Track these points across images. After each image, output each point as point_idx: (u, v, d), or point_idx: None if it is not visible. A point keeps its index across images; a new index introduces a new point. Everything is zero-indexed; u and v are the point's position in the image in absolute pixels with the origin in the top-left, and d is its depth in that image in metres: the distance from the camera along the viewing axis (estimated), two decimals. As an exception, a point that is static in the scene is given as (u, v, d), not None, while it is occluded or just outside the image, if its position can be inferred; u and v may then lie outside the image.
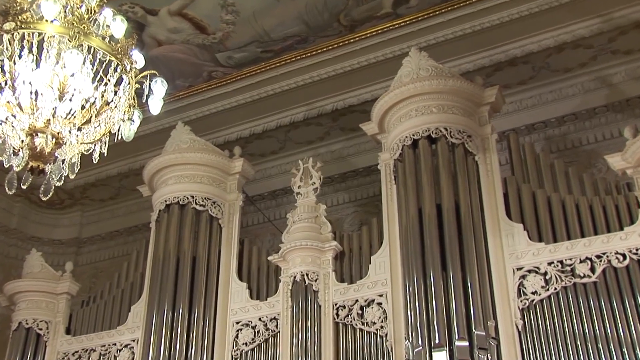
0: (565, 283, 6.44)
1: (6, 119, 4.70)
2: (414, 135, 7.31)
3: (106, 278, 10.05)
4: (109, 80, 4.90)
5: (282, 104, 9.28)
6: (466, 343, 6.28)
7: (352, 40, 8.60)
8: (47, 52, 4.73)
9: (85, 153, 5.01)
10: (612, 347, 6.08)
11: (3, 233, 10.57)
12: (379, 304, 7.04)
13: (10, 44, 4.68)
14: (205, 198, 8.31)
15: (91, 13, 4.90)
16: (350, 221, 9.53)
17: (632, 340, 6.06)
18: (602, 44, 8.10)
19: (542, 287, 6.51)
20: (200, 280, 7.90)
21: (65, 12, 4.80)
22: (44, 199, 4.90)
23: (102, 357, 8.17)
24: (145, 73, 5.09)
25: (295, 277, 7.40)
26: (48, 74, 4.70)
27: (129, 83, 4.99)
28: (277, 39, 8.63)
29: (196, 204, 8.26)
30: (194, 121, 9.43)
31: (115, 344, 8.14)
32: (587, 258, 6.46)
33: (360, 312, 7.12)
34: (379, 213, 7.57)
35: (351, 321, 7.10)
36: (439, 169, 7.13)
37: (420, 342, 6.42)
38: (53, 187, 4.90)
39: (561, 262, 6.54)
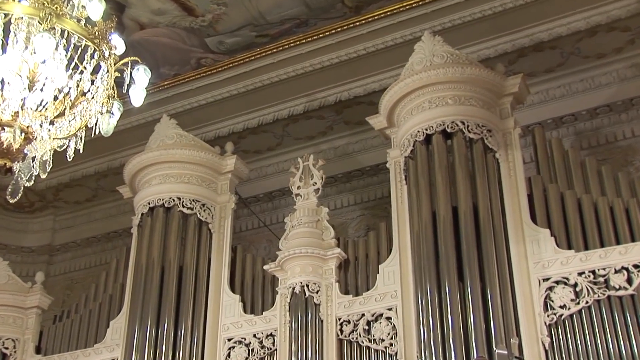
0: (598, 296, 6.44)
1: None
2: (427, 129, 7.32)
3: (82, 290, 10.06)
4: (84, 68, 4.90)
5: (280, 94, 9.29)
6: (486, 363, 6.32)
7: (357, 24, 8.61)
8: (15, 35, 4.72)
9: (58, 150, 5.02)
10: (651, 367, 6.10)
11: (-35, 240, 10.63)
12: (388, 318, 7.05)
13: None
14: (193, 200, 8.32)
15: (65, -8, 4.92)
16: (355, 226, 9.54)
17: (674, 361, 6.07)
18: (640, 26, 8.12)
19: (572, 300, 6.51)
20: (187, 292, 7.92)
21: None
22: (11, 201, 4.91)
23: (77, 378, 8.21)
24: (125, 60, 5.10)
25: (294, 289, 7.41)
26: (16, 61, 4.70)
27: (107, 71, 5.00)
28: (274, 22, 8.64)
29: (183, 206, 8.28)
30: (181, 114, 9.45)
31: (92, 364, 8.18)
32: (623, 268, 6.46)
33: (367, 327, 7.13)
34: (388, 217, 7.58)
35: (357, 338, 7.11)
36: (455, 168, 7.13)
37: (434, 361, 6.45)
38: (22, 188, 4.91)
39: (593, 272, 6.54)
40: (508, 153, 7.26)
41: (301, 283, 7.40)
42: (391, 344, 6.92)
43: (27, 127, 4.76)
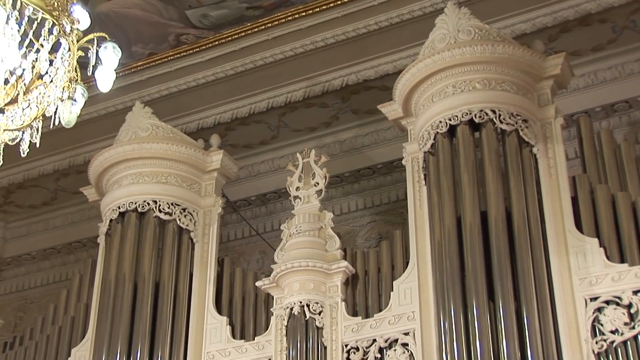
0: (657, 319, 6.46)
1: None
2: (450, 119, 7.32)
3: (38, 312, 10.08)
4: (41, 45, 4.91)
5: (275, 78, 9.31)
6: (521, 398, 6.33)
7: (368, -7, 8.66)
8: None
9: (10, 143, 5.03)
10: None
11: None
12: (404, 345, 7.05)
13: None
14: (172, 204, 8.34)
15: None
16: (365, 234, 9.55)
17: None
18: None
19: (626, 324, 6.50)
20: (165, 313, 7.93)
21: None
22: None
23: (33, 417, 8.22)
24: (91, 36, 5.11)
25: (292, 309, 7.42)
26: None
27: (69, 50, 5.01)
28: (268, -9, 8.69)
29: (160, 211, 8.29)
30: (157, 101, 9.48)
31: (50, 400, 8.19)
32: (687, 286, 6.49)
33: (379, 355, 7.12)
34: (404, 224, 7.58)
35: (367, 368, 7.13)
36: (484, 165, 7.14)
37: (459, 396, 6.46)
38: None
39: (651, 290, 6.56)
40: (548, 147, 7.27)
41: (301, 302, 7.40)
42: (408, 376, 6.94)
43: (-27, 116, 4.79)
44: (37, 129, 5.04)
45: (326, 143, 9.73)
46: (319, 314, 7.38)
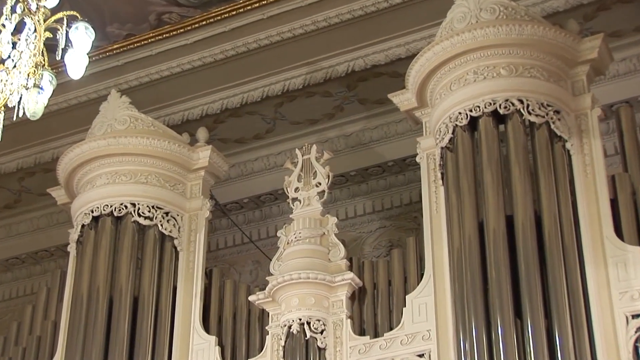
0: None
1: None
2: (471, 110, 7.32)
3: None
4: (3, 26, 4.91)
5: (271, 63, 9.31)
6: None
7: (377, -35, 8.67)
8: None
9: (-33, 137, 5.03)
10: None
11: None
12: (419, 369, 7.09)
13: None
14: (153, 207, 8.34)
15: None
16: (374, 242, 9.55)
17: None
18: None
19: (673, 344, 6.53)
20: (145, 332, 7.93)
21: None
22: None
23: None
24: (60, 15, 5.11)
25: (290, 328, 7.43)
26: None
27: (34, 31, 5.01)
28: (263, -37, 8.71)
29: (139, 215, 8.30)
30: (137, 89, 9.49)
31: None
32: None
33: (389, 381, 7.16)
34: (418, 229, 7.58)
35: (376, 395, 7.15)
36: (510, 162, 7.14)
37: None
38: None
39: (702, 305, 6.56)
40: (583, 142, 7.27)
41: (300, 320, 7.41)
42: (423, 404, 6.96)
43: None
44: (-1, 121, 5.05)
45: (329, 137, 9.73)
46: (321, 332, 7.38)
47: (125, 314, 7.96)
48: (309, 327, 7.37)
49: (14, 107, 5.05)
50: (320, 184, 7.99)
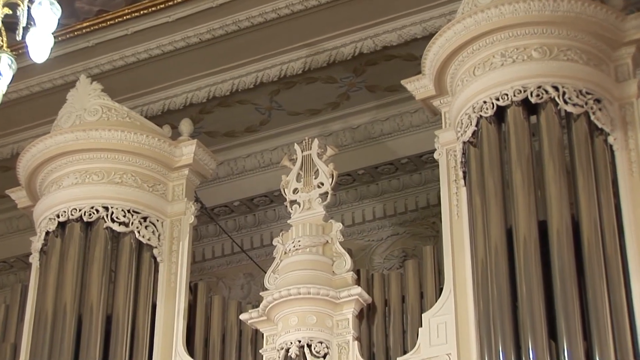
0: None
1: None
2: (498, 99, 7.31)
3: (-48, 353, 10.08)
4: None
5: (266, 44, 9.30)
6: None
7: None
8: None
9: None
10: None
11: None
12: (437, 399, 7.10)
13: None
14: (129, 210, 8.34)
15: None
16: (385, 251, 9.55)
17: None
18: None
19: None
20: (119, 356, 7.93)
21: None
22: None
23: None
24: (20, -12, 5.12)
25: (288, 351, 7.43)
26: None
27: (-9, 6, 5.01)
28: None
29: (113, 220, 8.29)
30: (110, 74, 9.48)
31: None
32: None
33: (403, 413, 7.17)
34: (437, 237, 7.58)
35: None
36: (544, 159, 7.13)
37: None
38: None
39: None
40: (628, 136, 7.26)
41: (299, 342, 7.41)
42: None
43: None
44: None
45: (333, 130, 9.74)
46: (324, 357, 7.38)
47: (96, 335, 7.96)
48: (310, 351, 7.37)
49: (-32, 94, 5.05)
50: (322, 184, 7.99)
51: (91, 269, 8.18)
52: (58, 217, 8.36)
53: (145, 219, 8.38)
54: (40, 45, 5.14)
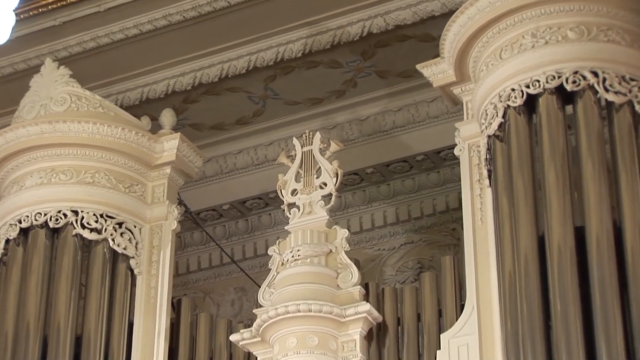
0: None
1: None
2: (528, 86, 7.30)
3: None
4: None
5: (260, 22, 9.32)
6: None
7: None
8: None
9: None
10: None
11: None
12: None
13: None
14: (102, 215, 8.35)
15: None
16: (398, 262, 9.57)
17: None
18: None
19: None
20: (90, 383, 7.98)
21: None
22: None
23: None
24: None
25: (285, 378, 7.47)
26: None
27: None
28: None
29: (84, 226, 8.30)
30: (79, 58, 9.51)
31: None
32: None
33: None
34: (457, 246, 7.58)
35: None
36: (581, 156, 7.13)
37: None
38: None
39: None
40: (681, 127, 7.28)
41: (299, 366, 7.45)
42: None
43: None
44: None
45: (338, 122, 9.76)
46: (327, 384, 7.42)
47: (64, 358, 7.96)
48: (311, 377, 7.41)
49: None
50: (325, 184, 8.01)
51: (58, 283, 8.19)
52: (20, 222, 8.36)
53: (120, 224, 8.39)
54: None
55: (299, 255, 7.77)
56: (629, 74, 7.26)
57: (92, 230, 8.30)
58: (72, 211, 8.32)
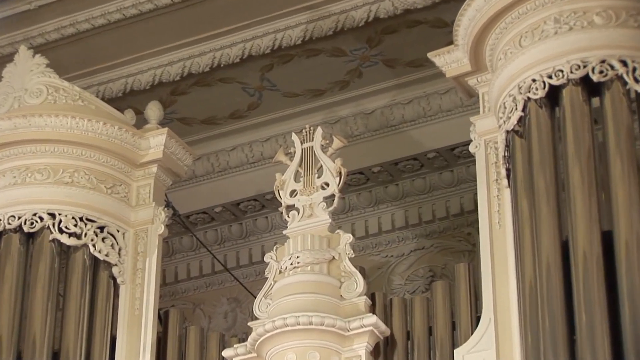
0: None
1: None
2: (550, 76, 7.30)
3: None
4: None
5: (256, 6, 9.33)
6: None
7: None
8: None
9: None
10: None
11: None
12: None
13: None
14: (82, 218, 8.36)
15: None
16: (407, 270, 9.59)
17: None
18: None
19: None
20: (69, 403, 7.99)
21: None
22: None
23: None
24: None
25: (283, 397, 7.49)
26: None
27: None
28: None
29: (62, 231, 8.30)
30: (57, 46, 9.53)
31: None
32: None
33: None
34: (473, 252, 7.57)
35: None
36: (609, 153, 7.13)
37: None
38: None
39: None
40: None
41: (298, 385, 7.46)
42: None
43: None
44: None
45: (342, 117, 9.77)
46: (330, 404, 7.44)
47: (40, 377, 8.00)
48: (312, 396, 7.43)
49: None
50: (327, 185, 8.02)
51: (33, 293, 8.20)
52: (-8, 226, 8.40)
53: (102, 229, 8.40)
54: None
55: (298, 263, 7.77)
56: (662, 63, 7.28)
57: (70, 235, 8.31)
58: (49, 214, 8.33)
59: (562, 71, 7.28)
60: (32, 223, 8.31)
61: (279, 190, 8.14)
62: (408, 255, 9.61)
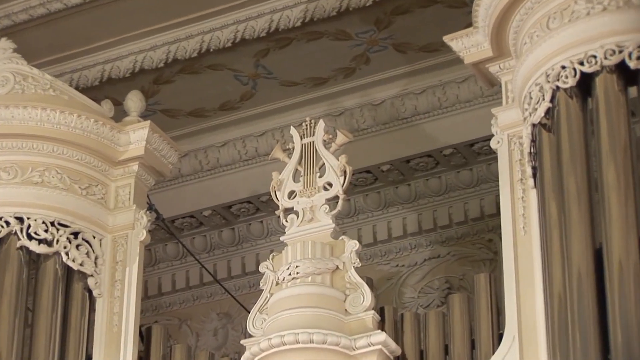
0: None
1: None
2: (582, 63, 7.31)
3: None
4: None
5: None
6: None
7: None
8: None
9: None
10: None
11: None
12: None
13: None
14: (53, 223, 8.38)
15: None
16: (421, 282, 9.61)
17: None
18: None
19: None
20: None
21: None
22: None
23: None
24: None
25: None
26: None
27: None
28: None
29: (30, 237, 8.33)
30: (26, 28, 9.54)
31: None
32: None
33: None
34: (495, 261, 7.57)
35: None
36: (649, 148, 7.16)
37: None
38: None
39: None
40: None
41: (298, 411, 7.48)
42: None
43: None
44: None
45: (347, 108, 9.80)
46: None
47: (6, 401, 8.01)
48: None
49: None
50: (330, 185, 8.03)
51: (-1, 306, 8.23)
52: (-47, 231, 8.42)
53: (76, 235, 8.42)
54: None
55: (297, 273, 7.79)
56: None
57: (40, 241, 8.32)
58: (16, 218, 8.35)
59: (595, 57, 7.28)
60: (-3, 228, 8.35)
61: (275, 192, 8.15)
62: (421, 265, 9.63)
